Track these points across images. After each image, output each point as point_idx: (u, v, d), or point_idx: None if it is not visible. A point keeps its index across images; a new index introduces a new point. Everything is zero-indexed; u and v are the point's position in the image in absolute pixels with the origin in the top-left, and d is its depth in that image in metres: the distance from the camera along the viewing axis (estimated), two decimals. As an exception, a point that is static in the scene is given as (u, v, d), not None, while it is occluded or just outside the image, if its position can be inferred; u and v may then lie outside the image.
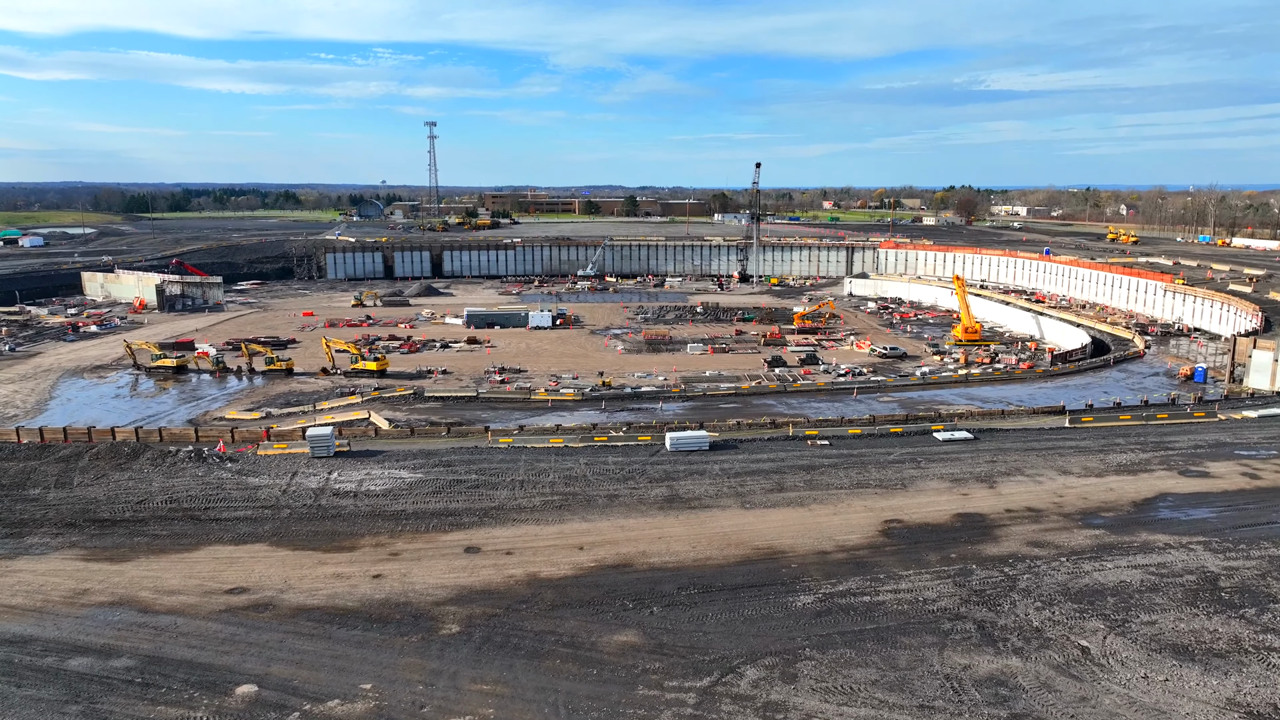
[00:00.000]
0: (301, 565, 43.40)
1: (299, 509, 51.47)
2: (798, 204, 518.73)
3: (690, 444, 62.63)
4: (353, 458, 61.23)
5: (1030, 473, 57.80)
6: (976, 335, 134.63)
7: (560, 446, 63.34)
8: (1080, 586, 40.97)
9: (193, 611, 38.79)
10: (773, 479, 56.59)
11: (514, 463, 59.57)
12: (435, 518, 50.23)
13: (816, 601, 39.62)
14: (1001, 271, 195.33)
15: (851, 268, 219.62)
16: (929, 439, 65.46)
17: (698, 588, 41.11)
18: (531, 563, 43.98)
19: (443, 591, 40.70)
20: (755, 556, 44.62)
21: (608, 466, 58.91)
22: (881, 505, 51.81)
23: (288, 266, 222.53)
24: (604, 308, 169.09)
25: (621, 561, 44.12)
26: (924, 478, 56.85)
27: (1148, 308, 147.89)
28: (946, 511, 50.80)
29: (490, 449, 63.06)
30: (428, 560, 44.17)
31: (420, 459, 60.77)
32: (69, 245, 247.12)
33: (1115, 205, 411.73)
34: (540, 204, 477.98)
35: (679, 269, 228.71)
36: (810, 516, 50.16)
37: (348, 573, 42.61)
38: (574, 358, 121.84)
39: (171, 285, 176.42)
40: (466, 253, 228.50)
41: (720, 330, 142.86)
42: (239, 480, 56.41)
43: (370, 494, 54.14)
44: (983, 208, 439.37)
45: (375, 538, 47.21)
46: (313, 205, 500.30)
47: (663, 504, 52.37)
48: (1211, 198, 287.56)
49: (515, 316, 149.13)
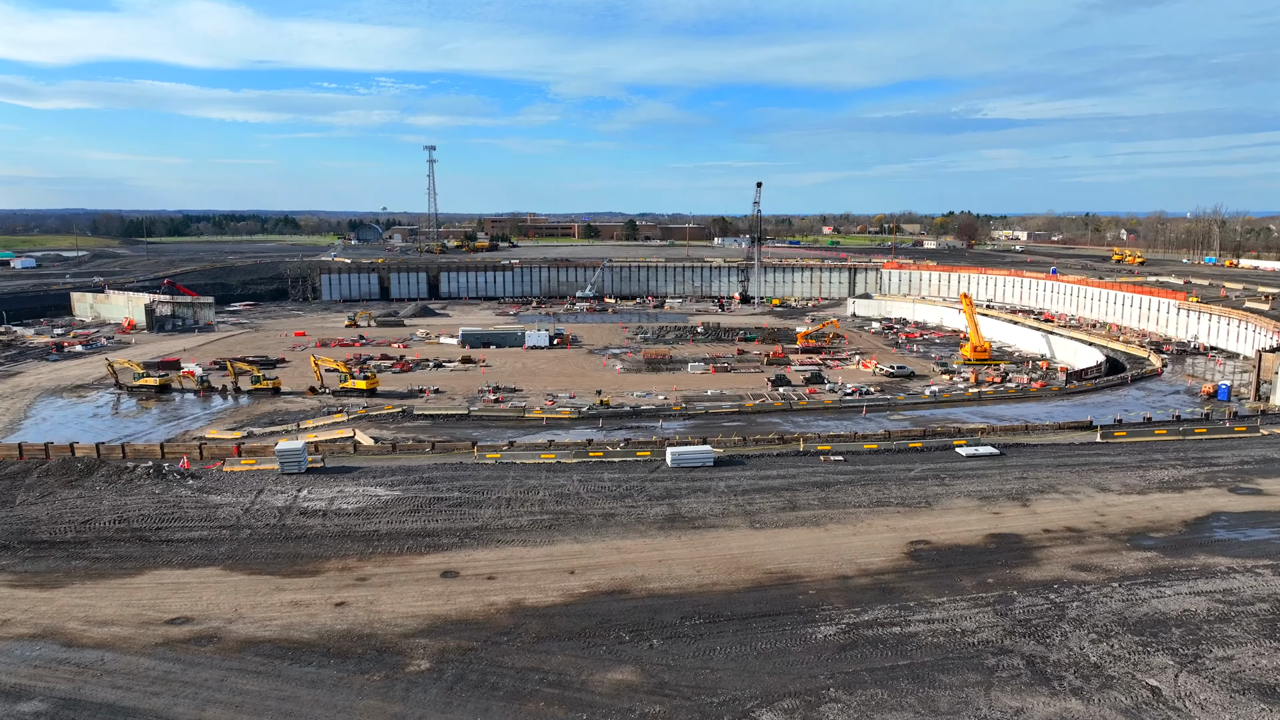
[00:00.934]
0: (256, 591, 38.49)
1: (260, 529, 46.52)
2: (797, 229, 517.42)
3: (693, 459, 57.74)
4: (326, 474, 56.32)
5: (1065, 490, 52.97)
6: (986, 354, 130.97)
7: (552, 463, 58.45)
8: (1139, 616, 36.04)
9: (124, 645, 33.81)
10: (784, 497, 51.69)
11: (501, 480, 54.65)
12: (411, 539, 45.28)
13: (840, 633, 34.69)
14: (1008, 291, 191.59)
15: (854, 289, 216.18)
16: (951, 455, 60.74)
17: (703, 617, 36.17)
18: (516, 589, 39.05)
19: (413, 622, 35.76)
20: (768, 581, 39.70)
21: (603, 483, 53.97)
22: (905, 525, 46.93)
23: (282, 288, 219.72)
24: (602, 328, 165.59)
25: (617, 587, 39.21)
26: (950, 495, 52.02)
27: (1161, 326, 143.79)
28: (978, 532, 45.93)
29: (476, 465, 58.22)
30: (399, 586, 39.26)
31: (400, 475, 55.84)
32: (61, 267, 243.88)
33: (1115, 230, 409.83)
34: (540, 228, 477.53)
35: (679, 290, 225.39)
36: (827, 537, 45.25)
37: (307, 600, 37.68)
38: (571, 377, 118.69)
39: (162, 305, 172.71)
40: (464, 274, 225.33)
41: (722, 350, 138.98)
42: (199, 498, 51.50)
43: (341, 513, 49.19)
44: (983, 232, 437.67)
45: (342, 561, 42.27)
46: (312, 230, 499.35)
47: (663, 524, 47.47)
48: (1215, 220, 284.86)
49: (511, 336, 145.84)
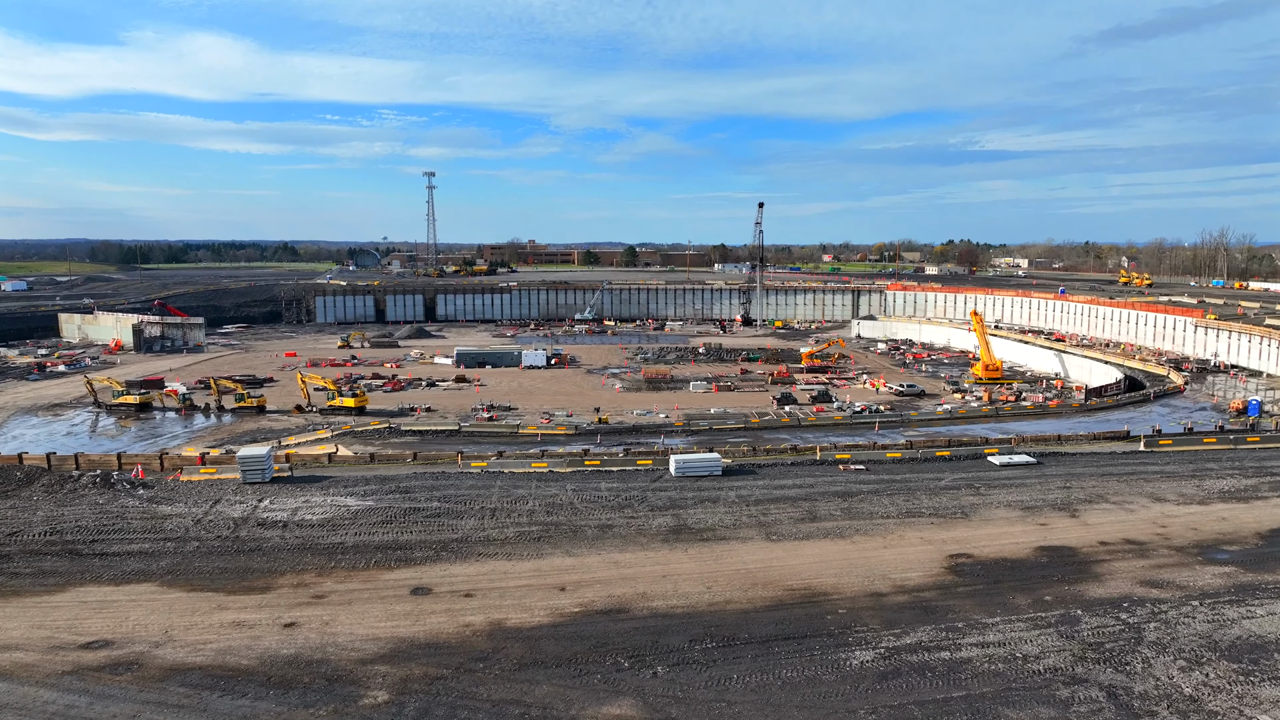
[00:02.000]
0: (193, 610, 33.03)
1: (210, 541, 41.04)
2: (797, 257, 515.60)
3: (699, 468, 52.34)
4: (294, 484, 50.86)
5: (1116, 500, 47.50)
6: (998, 373, 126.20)
7: (544, 472, 53.03)
8: (1231, 639, 30.60)
9: (26, 674, 28.31)
10: (802, 507, 46.20)
11: (486, 489, 49.12)
12: (380, 551, 39.80)
13: (879, 659, 29.22)
14: (1016, 312, 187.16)
15: (858, 311, 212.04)
16: (983, 464, 55.33)
17: (716, 640, 30.74)
18: (497, 607, 33.58)
19: (373, 645, 30.28)
20: (790, 599, 34.23)
21: (600, 493, 48.47)
22: (942, 537, 41.48)
23: (276, 311, 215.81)
24: (601, 349, 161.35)
25: (614, 605, 33.75)
26: (987, 505, 46.54)
27: (1177, 345, 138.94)
28: (1025, 544, 40.49)
29: (460, 474, 52.75)
30: (361, 604, 33.78)
31: (374, 484, 50.36)
32: (53, 290, 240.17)
33: (1116, 257, 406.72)
34: (539, 255, 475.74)
35: (679, 313, 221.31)
36: (854, 550, 39.79)
37: (252, 620, 32.21)
38: (569, 396, 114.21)
39: (150, 326, 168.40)
40: (461, 296, 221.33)
41: (724, 370, 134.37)
42: (147, 508, 46.02)
43: (304, 524, 43.69)
44: (984, 259, 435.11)
45: (299, 575, 36.78)
46: (310, 257, 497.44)
47: (668, 535, 41.99)
48: (1222, 244, 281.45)
49: (508, 355, 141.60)
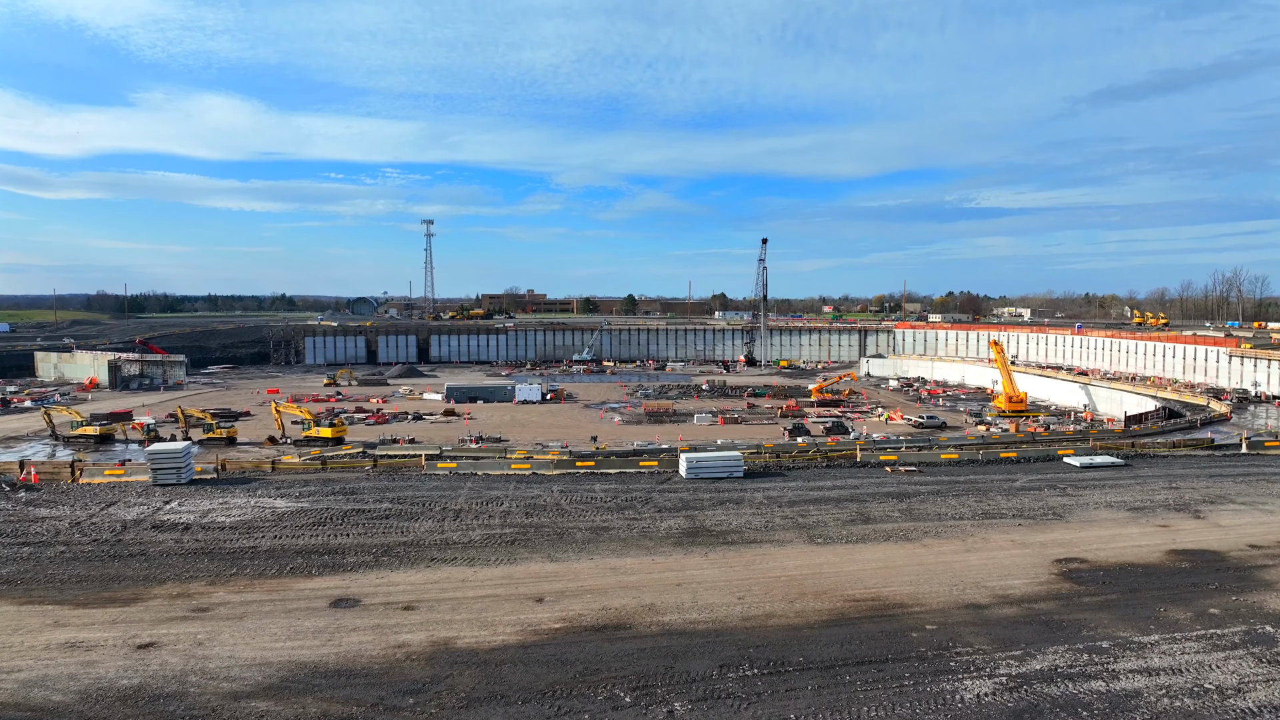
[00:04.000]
0: (17, 628, 23.42)
1: (81, 546, 31.40)
2: (797, 308, 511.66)
3: (716, 468, 42.92)
4: (216, 485, 41.30)
5: (1243, 501, 38.03)
6: (1022, 405, 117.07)
7: (526, 474, 43.56)
8: None
9: None
10: (849, 509, 36.61)
11: (453, 490, 39.49)
12: (301, 556, 30.14)
13: (1003, 691, 19.63)
14: (1032, 348, 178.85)
15: (865, 350, 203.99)
16: (1059, 465, 46.19)
17: (758, 665, 21.14)
18: (447, 623, 23.97)
19: (258, 673, 20.68)
20: (854, 613, 24.61)
21: (593, 494, 38.96)
22: (1039, 540, 31.88)
23: (264, 352, 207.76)
24: (600, 387, 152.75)
25: (611, 620, 24.10)
26: (1084, 507, 36.99)
27: (1210, 376, 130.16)
28: (1151, 548, 30.94)
29: (424, 476, 43.36)
30: (256, 619, 24.17)
31: (315, 486, 40.79)
32: (36, 332, 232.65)
33: (1119, 306, 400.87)
34: (538, 304, 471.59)
35: (680, 354, 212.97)
36: (928, 554, 30.21)
37: (94, 640, 22.59)
38: (564, 429, 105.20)
39: (129, 364, 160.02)
40: (455, 338, 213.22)
41: (730, 404, 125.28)
42: (21, 512, 36.31)
43: (212, 526, 34.06)
44: (985, 308, 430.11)
45: (182, 585, 27.15)
46: (307, 308, 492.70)
47: (680, 538, 32.36)
48: (1237, 286, 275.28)
49: (500, 390, 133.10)
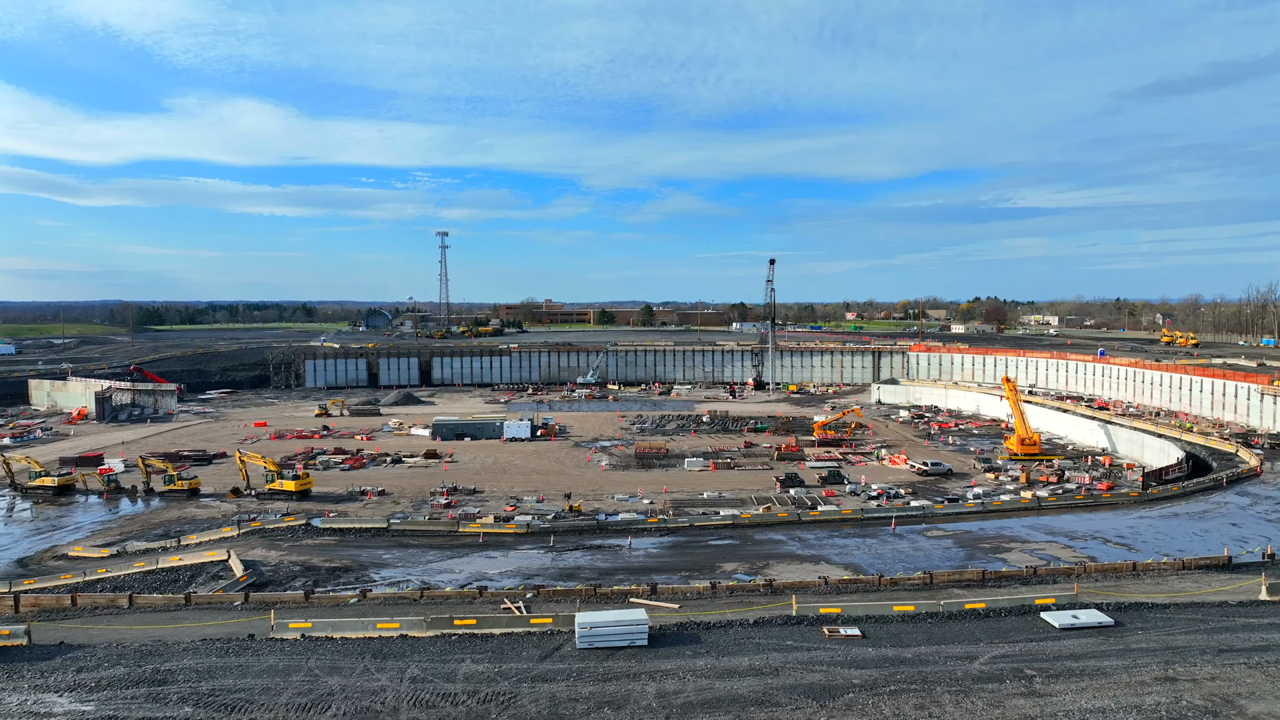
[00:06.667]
0: None
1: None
2: (820, 315, 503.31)
3: (614, 636, 37.47)
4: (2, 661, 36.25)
5: (1257, 708, 30.33)
6: (1036, 447, 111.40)
7: (391, 637, 39.03)
8: None
9: None
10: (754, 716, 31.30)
11: (285, 677, 35.10)
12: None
13: None
14: (1051, 376, 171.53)
15: (878, 373, 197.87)
16: (1035, 623, 39.61)
17: None
18: None
19: None
20: None
21: (450, 687, 34.09)
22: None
23: (264, 375, 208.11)
24: (598, 417, 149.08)
25: None
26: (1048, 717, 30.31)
27: (1241, 415, 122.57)
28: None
29: (264, 643, 38.97)
30: None
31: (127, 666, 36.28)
32: (41, 354, 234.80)
33: (1150, 314, 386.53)
34: (554, 314, 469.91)
35: (688, 375, 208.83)
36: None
37: None
38: (546, 475, 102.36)
39: (119, 393, 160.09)
40: (458, 359, 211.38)
41: (728, 443, 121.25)
42: None
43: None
44: (1012, 317, 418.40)
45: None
46: (327, 318, 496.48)
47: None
48: (1270, 300, 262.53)
49: (488, 427, 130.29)
